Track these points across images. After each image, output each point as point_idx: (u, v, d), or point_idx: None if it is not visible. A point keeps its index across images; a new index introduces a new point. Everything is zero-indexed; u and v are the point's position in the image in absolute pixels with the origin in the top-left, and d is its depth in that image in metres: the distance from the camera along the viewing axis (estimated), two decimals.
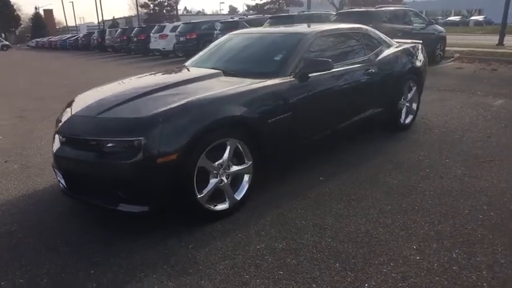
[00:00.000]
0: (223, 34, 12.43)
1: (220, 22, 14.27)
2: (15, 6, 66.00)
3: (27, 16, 71.27)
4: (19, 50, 45.76)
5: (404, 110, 4.54)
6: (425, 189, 3.04)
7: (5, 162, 4.27)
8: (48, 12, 75.74)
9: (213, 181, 2.63)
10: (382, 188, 3.10)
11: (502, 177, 3.20)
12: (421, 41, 5.06)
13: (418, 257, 2.20)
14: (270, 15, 12.67)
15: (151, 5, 44.74)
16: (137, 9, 41.32)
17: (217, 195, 2.72)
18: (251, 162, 2.82)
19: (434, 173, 3.34)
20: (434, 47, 10.26)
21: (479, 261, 2.14)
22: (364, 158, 3.74)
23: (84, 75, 12.75)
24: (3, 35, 59.08)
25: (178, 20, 33.64)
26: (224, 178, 2.70)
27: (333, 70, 3.38)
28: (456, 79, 8.03)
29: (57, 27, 79.83)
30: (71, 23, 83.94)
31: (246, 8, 43.83)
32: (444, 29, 10.98)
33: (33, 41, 51.06)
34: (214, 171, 2.63)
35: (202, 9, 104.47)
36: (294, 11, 26.06)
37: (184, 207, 2.57)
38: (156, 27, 18.86)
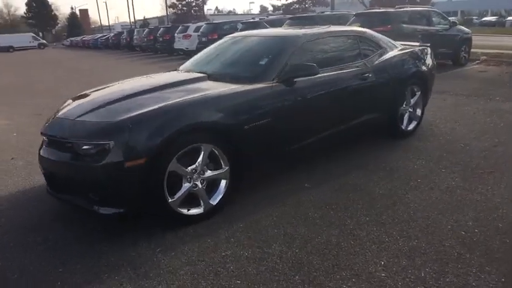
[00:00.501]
0: None
1: (242, 23, 14.30)
2: (53, 7, 69.15)
3: (64, 16, 74.43)
4: (55, 48, 47.85)
5: (406, 116, 4.37)
6: (410, 201, 2.90)
7: (12, 159, 4.46)
8: (84, 12, 78.75)
9: (186, 185, 2.63)
10: (366, 197, 2.99)
11: (498, 191, 3.01)
12: (428, 44, 4.85)
13: (383, 274, 2.10)
14: (290, 16, 12.56)
15: (179, 5, 45.60)
16: (166, 9, 42.28)
17: (193, 199, 2.72)
18: (228, 167, 2.79)
19: (426, 184, 3.19)
20: (459, 49, 9.83)
21: (448, 282, 2.02)
22: (357, 165, 3.63)
23: (111, 74, 13.14)
24: (40, 34, 61.98)
25: (205, 20, 33.97)
26: (198, 183, 2.69)
27: (323, 75, 3.31)
28: (477, 83, 7.65)
29: (93, 26, 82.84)
30: (106, 22, 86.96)
31: (271, 8, 43.62)
32: (470, 30, 10.49)
33: (67, 40, 53.32)
34: (188, 176, 2.62)
35: (234, 9, 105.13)
36: (320, 11, 25.75)
37: (155, 210, 2.58)
38: (180, 28, 19.16)
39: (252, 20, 14.67)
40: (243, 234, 2.56)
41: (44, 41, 51.47)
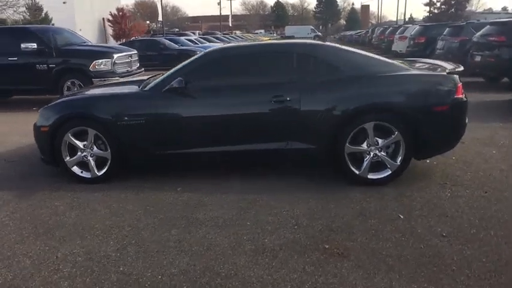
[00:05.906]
0: (445, 40, 10.81)
1: (448, 26, 12.32)
2: (344, 4, 77.19)
3: (347, 11, 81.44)
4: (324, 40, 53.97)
5: (368, 160, 3.56)
6: (179, 239, 2.87)
7: None
8: (365, 8, 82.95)
9: (78, 154, 3.79)
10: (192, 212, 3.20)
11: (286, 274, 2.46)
12: (456, 71, 3.61)
13: None
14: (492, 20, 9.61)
15: (438, 4, 40.71)
16: (429, 9, 39.02)
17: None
18: (109, 151, 3.72)
19: (245, 234, 2.94)
20: None
21: None
22: (243, 188, 3.59)
23: None
24: (320, 27, 70.72)
25: (465, 19, 29.17)
26: (89, 156, 3.78)
27: (217, 92, 3.64)
28: None
29: (374, 21, 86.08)
30: (393, 17, 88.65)
31: None
32: None
33: (337, 34, 58.89)
34: (80, 148, 3.76)
35: None
36: None
37: (59, 165, 3.89)
38: (400, 28, 18.21)
39: (457, 24, 12.36)
40: (84, 199, 3.51)
41: (320, 34, 58.71)
